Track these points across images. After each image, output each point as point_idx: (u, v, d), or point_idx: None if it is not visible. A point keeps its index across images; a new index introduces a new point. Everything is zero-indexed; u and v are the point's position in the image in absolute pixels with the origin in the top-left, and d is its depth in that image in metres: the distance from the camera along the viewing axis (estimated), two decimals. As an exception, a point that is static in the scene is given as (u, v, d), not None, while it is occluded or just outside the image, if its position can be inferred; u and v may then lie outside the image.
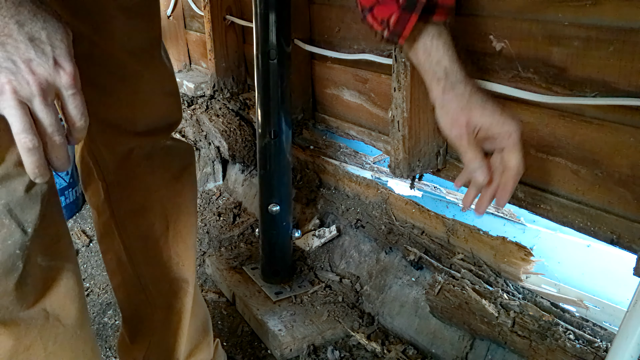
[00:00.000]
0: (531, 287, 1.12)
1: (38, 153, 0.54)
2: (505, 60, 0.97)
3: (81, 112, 0.56)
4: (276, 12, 1.25)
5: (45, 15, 0.53)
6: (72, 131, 0.57)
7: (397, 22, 0.71)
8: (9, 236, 0.61)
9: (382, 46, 1.25)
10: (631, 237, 0.87)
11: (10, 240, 0.61)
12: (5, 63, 0.51)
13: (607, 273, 1.19)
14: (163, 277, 0.98)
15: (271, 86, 1.30)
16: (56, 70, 0.53)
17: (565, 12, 0.86)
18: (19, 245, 0.62)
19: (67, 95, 0.55)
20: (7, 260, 0.62)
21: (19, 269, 0.63)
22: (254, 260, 1.63)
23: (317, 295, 1.44)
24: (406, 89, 1.05)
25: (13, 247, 0.62)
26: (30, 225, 0.63)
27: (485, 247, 1.17)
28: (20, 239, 0.62)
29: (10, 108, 0.52)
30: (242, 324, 1.43)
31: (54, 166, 0.57)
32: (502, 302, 1.07)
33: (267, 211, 1.41)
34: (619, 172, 0.86)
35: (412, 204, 1.33)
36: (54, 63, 0.53)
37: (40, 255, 0.67)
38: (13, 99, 0.52)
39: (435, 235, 1.28)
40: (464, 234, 1.21)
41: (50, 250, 0.69)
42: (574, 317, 1.03)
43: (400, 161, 1.13)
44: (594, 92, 0.85)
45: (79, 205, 2.09)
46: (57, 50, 0.53)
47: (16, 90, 0.52)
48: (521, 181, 1.02)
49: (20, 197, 0.61)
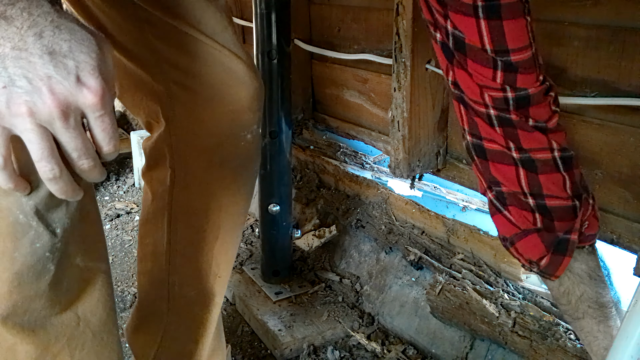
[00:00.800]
0: (531, 287, 1.12)
1: (62, 181, 0.49)
2: (505, 60, 0.97)
3: (110, 136, 0.49)
4: (276, 12, 1.25)
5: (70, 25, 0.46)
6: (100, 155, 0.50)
7: (548, 265, 0.68)
8: (37, 238, 0.58)
9: (383, 46, 1.25)
10: (631, 237, 0.87)
11: (39, 243, 0.58)
12: (19, 81, 0.44)
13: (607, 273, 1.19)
14: (195, 283, 0.95)
15: (271, 86, 1.30)
16: (79, 89, 0.46)
17: (565, 12, 0.86)
18: (49, 247, 0.59)
19: (94, 117, 0.48)
20: (37, 264, 0.59)
21: (50, 272, 0.60)
22: (254, 260, 1.63)
23: (317, 295, 1.44)
24: (406, 89, 1.05)
25: (42, 250, 0.58)
26: (59, 226, 0.59)
27: (486, 247, 1.17)
28: (49, 241, 0.59)
29: (28, 132, 0.46)
30: (242, 324, 1.43)
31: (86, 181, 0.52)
32: (502, 302, 1.07)
33: (267, 211, 1.41)
34: (619, 172, 0.86)
35: (412, 204, 1.33)
36: (77, 80, 0.46)
37: (79, 255, 0.63)
38: (30, 122, 0.45)
39: (435, 235, 1.28)
40: (464, 234, 1.21)
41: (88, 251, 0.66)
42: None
43: (400, 161, 1.13)
44: (594, 92, 0.85)
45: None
46: (82, 64, 0.46)
47: (33, 113, 0.45)
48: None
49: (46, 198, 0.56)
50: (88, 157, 0.49)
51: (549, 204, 0.67)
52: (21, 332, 0.62)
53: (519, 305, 1.05)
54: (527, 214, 0.67)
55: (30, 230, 0.57)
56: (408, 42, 1.02)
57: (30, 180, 0.54)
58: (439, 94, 1.09)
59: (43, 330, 0.63)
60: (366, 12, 1.28)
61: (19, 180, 0.52)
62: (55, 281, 0.61)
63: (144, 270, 0.99)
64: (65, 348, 0.65)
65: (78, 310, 0.66)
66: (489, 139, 0.69)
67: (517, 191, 0.68)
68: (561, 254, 0.66)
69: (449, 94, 1.11)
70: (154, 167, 0.92)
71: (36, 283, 0.60)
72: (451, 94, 0.70)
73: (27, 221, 0.57)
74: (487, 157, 0.69)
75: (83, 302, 0.66)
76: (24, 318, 0.61)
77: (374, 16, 1.26)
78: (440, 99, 1.10)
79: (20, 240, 0.58)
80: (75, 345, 0.67)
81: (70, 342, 0.66)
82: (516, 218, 0.69)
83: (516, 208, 0.68)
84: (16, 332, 0.62)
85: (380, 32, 1.26)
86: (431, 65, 1.05)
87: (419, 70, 1.05)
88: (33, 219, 0.57)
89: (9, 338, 0.62)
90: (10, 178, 0.50)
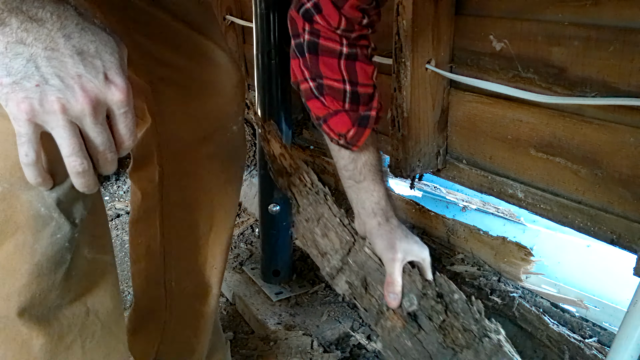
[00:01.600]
0: (531, 287, 1.12)
1: (88, 175, 0.51)
2: (505, 60, 0.97)
3: (131, 131, 0.53)
4: (276, 12, 1.25)
5: (93, 27, 0.49)
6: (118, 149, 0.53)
7: (353, 136, 0.82)
8: (58, 230, 0.60)
9: (383, 46, 1.25)
10: (631, 237, 0.87)
11: (59, 234, 0.60)
12: (52, 80, 0.47)
13: (607, 273, 1.19)
14: (192, 277, 0.96)
15: (271, 86, 1.30)
16: (107, 86, 0.49)
17: (565, 12, 0.86)
18: (68, 238, 0.61)
19: (119, 113, 0.51)
20: (57, 254, 0.61)
21: (67, 262, 0.62)
22: (254, 260, 1.63)
23: (317, 295, 1.44)
24: (406, 89, 1.05)
25: (62, 240, 0.61)
26: (78, 216, 0.61)
27: (486, 247, 1.17)
28: (69, 232, 0.61)
29: (59, 128, 0.48)
30: (242, 324, 1.43)
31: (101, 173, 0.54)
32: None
33: (267, 211, 1.41)
34: (619, 172, 0.86)
35: (412, 204, 1.33)
36: (105, 78, 0.49)
37: (88, 247, 0.65)
38: (63, 119, 0.48)
39: (435, 235, 1.28)
40: (464, 234, 1.21)
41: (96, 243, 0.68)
42: (574, 317, 1.03)
43: (400, 161, 1.13)
44: (594, 92, 0.85)
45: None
46: (108, 64, 0.49)
47: (66, 109, 0.48)
48: (521, 181, 1.02)
49: (68, 190, 0.59)
50: (112, 151, 0.52)
51: (360, 91, 0.82)
52: (37, 324, 0.63)
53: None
54: (339, 101, 0.82)
55: (51, 222, 0.59)
56: (408, 42, 1.02)
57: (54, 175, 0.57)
58: (439, 94, 1.09)
59: (57, 321, 0.64)
60: (366, 12, 1.28)
61: (47, 176, 0.55)
62: (68, 272, 0.63)
63: (138, 270, 1.00)
64: (77, 339, 0.67)
65: (87, 301, 0.67)
66: (326, 37, 0.80)
67: (336, 78, 0.80)
68: (363, 127, 0.82)
69: (449, 94, 1.11)
70: (141, 165, 0.93)
71: (54, 274, 0.62)
72: None
73: (49, 213, 0.59)
74: (319, 53, 0.80)
75: (91, 293, 0.68)
76: (39, 310, 0.62)
77: (374, 16, 1.26)
78: (440, 99, 1.10)
79: (40, 232, 0.59)
80: (86, 336, 0.68)
81: (82, 332, 0.67)
82: (329, 103, 0.82)
83: (330, 97, 0.81)
84: (32, 325, 0.62)
85: (380, 32, 1.25)
86: (431, 65, 1.05)
87: (419, 70, 1.05)
88: (55, 211, 0.59)
89: (24, 332, 0.62)
90: (40, 174, 0.53)
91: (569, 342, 1.01)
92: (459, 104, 1.10)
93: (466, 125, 1.10)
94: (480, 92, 1.04)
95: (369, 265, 0.84)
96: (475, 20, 1.00)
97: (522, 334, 1.11)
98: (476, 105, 1.06)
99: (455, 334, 0.73)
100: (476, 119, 1.07)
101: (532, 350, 1.09)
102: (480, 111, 1.06)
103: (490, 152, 1.06)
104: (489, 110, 1.04)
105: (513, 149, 1.01)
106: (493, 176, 1.07)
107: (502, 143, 1.03)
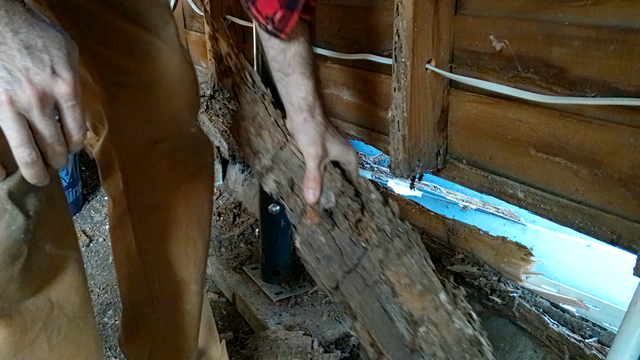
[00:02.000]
0: (531, 287, 1.12)
1: (37, 166, 0.52)
2: (505, 60, 0.97)
3: (79, 125, 0.54)
4: (276, 12, 1.25)
5: (42, 24, 0.50)
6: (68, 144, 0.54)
7: (281, 20, 0.78)
8: (13, 221, 0.60)
9: (383, 46, 1.25)
10: (631, 237, 0.87)
11: (14, 226, 0.61)
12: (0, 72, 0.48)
13: (607, 273, 1.20)
14: (171, 276, 0.97)
15: (271, 86, 1.30)
16: (54, 79, 0.50)
17: (565, 12, 0.86)
18: (23, 229, 0.61)
19: (67, 106, 0.52)
20: (13, 246, 0.61)
21: (24, 254, 0.62)
22: (254, 260, 1.63)
23: (317, 295, 1.44)
24: (406, 89, 1.05)
25: (17, 232, 0.61)
26: (31, 208, 0.62)
27: (486, 247, 1.17)
28: (24, 223, 0.61)
29: (7, 120, 0.49)
30: (242, 324, 1.43)
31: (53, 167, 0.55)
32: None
33: (267, 211, 1.41)
34: (619, 172, 0.86)
35: (412, 204, 1.33)
36: (52, 71, 0.50)
37: (49, 243, 0.66)
38: (10, 111, 0.49)
39: (435, 235, 1.28)
40: (464, 234, 1.21)
41: (57, 239, 0.68)
42: (574, 317, 1.03)
43: (400, 161, 1.13)
44: (594, 92, 0.85)
45: (79, 205, 2.09)
46: (55, 58, 0.50)
47: (13, 101, 0.49)
48: (521, 181, 1.02)
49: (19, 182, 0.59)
50: (61, 144, 0.53)
51: None
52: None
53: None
54: None
55: (5, 214, 0.60)
56: (408, 42, 1.02)
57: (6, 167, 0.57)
58: (439, 94, 1.09)
59: (19, 315, 0.65)
60: (366, 12, 1.28)
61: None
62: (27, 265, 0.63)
63: (122, 276, 1.01)
64: (42, 332, 0.67)
65: (51, 295, 0.68)
66: None
67: None
68: (291, 10, 0.78)
69: (448, 94, 1.11)
70: (107, 173, 0.94)
71: (11, 267, 0.62)
72: None
73: (1, 205, 0.59)
74: None
75: (55, 287, 0.68)
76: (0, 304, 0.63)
77: (374, 16, 1.26)
78: (440, 99, 1.10)
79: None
80: (51, 330, 0.68)
81: (47, 326, 0.68)
82: None
83: None
84: None
85: (380, 32, 1.25)
86: (431, 65, 1.05)
87: (419, 70, 1.05)
88: (7, 203, 0.59)
89: None
90: None
91: (569, 342, 1.01)
92: (459, 104, 1.10)
93: (466, 125, 1.10)
94: (480, 92, 1.04)
95: (293, 162, 0.83)
96: (475, 20, 1.00)
97: (522, 334, 1.11)
98: (476, 105, 1.06)
99: (370, 234, 0.75)
100: (476, 119, 1.07)
101: (532, 350, 1.09)
102: (480, 111, 1.06)
103: (490, 152, 1.06)
104: (489, 110, 1.04)
105: (513, 149, 1.01)
106: (493, 176, 1.07)
107: (502, 143, 1.03)
